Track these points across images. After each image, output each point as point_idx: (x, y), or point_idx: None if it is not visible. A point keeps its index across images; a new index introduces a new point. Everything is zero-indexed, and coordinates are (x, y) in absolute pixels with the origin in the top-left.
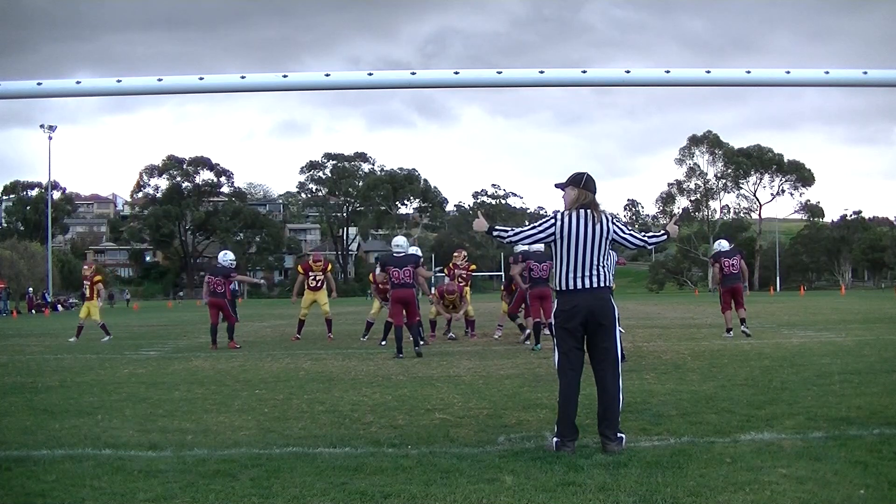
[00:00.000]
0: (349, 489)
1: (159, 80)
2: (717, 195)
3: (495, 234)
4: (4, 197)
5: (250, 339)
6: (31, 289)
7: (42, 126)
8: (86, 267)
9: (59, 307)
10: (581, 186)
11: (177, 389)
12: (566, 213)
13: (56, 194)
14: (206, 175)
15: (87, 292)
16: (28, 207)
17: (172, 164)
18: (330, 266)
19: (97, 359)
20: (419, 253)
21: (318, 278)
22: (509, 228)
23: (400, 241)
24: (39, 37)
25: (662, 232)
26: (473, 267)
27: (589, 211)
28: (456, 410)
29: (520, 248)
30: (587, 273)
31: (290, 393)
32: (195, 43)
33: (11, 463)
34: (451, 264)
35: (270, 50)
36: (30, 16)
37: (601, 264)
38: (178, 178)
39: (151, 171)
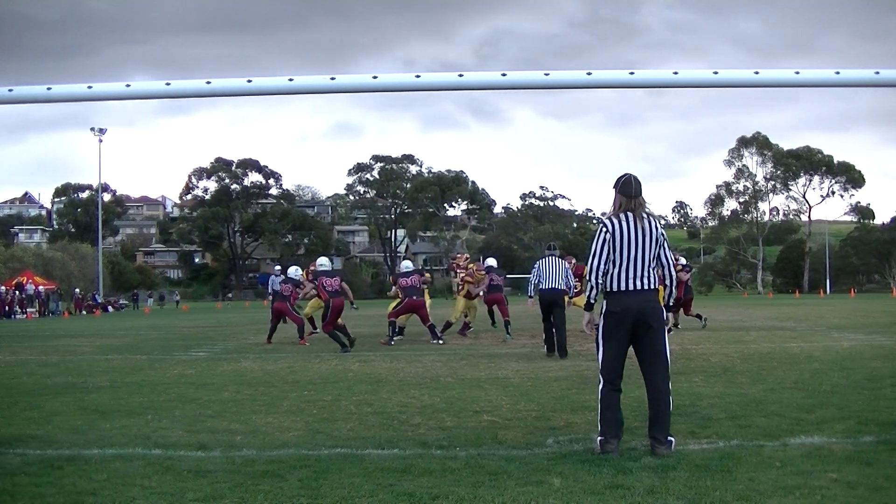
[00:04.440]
0: (397, 490)
1: (207, 82)
2: (766, 197)
3: (593, 298)
4: (56, 199)
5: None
6: (77, 290)
7: (92, 129)
8: None
9: (110, 308)
10: (618, 191)
11: (225, 390)
12: (611, 217)
13: (106, 196)
14: (254, 177)
15: None
16: (79, 209)
17: (221, 167)
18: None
19: (146, 359)
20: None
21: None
22: (588, 279)
23: (407, 263)
24: (97, 40)
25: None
26: (472, 267)
27: (630, 214)
28: (504, 412)
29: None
30: (636, 275)
31: (338, 394)
32: (249, 45)
33: (63, 462)
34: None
35: (325, 52)
36: (89, 19)
37: (650, 266)
38: (227, 181)
39: (200, 173)
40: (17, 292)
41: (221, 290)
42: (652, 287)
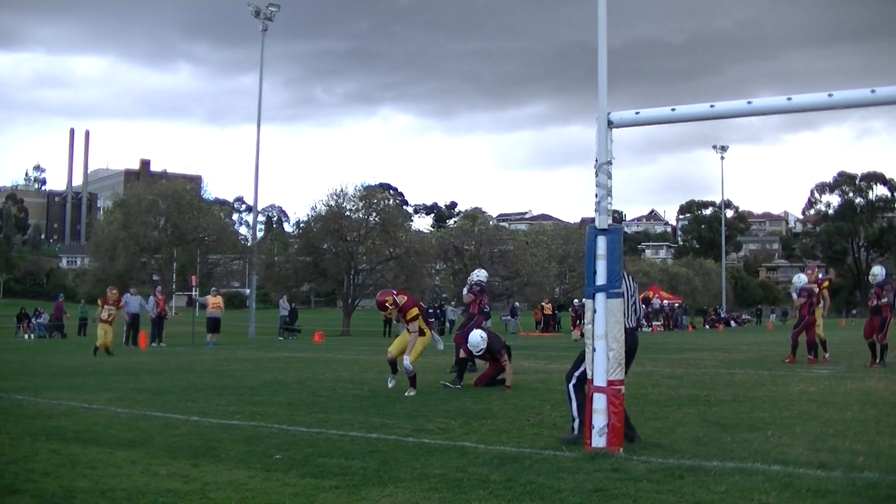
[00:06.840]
0: None
1: (829, 95)
2: None
3: None
4: (680, 216)
5: None
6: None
7: (714, 147)
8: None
9: (732, 323)
10: None
11: (848, 409)
12: None
13: (729, 212)
14: (879, 190)
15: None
16: (702, 226)
17: (844, 181)
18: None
19: (769, 375)
20: None
21: None
22: None
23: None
24: (722, 59)
25: None
26: None
27: None
28: None
29: None
30: None
31: None
32: (876, 54)
33: (684, 471)
34: None
35: None
36: (714, 39)
37: None
38: (851, 195)
39: (823, 187)
40: (644, 306)
41: (846, 307)
42: None
